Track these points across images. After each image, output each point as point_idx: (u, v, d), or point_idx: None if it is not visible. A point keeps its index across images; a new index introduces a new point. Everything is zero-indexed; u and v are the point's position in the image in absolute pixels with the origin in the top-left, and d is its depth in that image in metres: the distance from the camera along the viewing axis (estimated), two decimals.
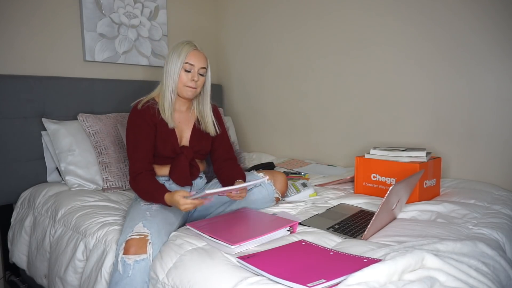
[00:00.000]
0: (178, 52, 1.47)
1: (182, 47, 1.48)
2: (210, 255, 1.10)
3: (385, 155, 1.69)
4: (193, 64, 1.47)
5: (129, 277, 1.11)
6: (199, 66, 1.49)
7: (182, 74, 1.47)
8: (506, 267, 1.03)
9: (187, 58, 1.46)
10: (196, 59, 1.48)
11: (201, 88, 1.55)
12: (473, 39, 1.82)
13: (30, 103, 1.88)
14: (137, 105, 1.50)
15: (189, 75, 1.47)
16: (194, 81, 1.48)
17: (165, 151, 1.50)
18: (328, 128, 2.43)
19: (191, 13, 2.78)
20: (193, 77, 1.48)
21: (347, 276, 0.88)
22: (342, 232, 1.26)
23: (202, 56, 1.51)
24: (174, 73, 1.46)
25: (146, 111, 1.48)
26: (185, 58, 1.46)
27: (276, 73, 2.65)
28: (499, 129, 1.80)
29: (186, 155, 1.52)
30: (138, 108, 1.48)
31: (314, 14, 2.40)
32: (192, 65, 1.47)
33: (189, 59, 1.47)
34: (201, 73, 1.50)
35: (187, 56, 1.47)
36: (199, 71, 1.49)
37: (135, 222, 1.24)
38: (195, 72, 1.48)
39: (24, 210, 1.79)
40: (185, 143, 1.57)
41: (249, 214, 1.44)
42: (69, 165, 1.83)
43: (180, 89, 1.49)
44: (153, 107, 1.50)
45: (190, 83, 1.48)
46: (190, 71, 1.48)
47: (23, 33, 1.93)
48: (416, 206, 1.47)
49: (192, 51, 1.48)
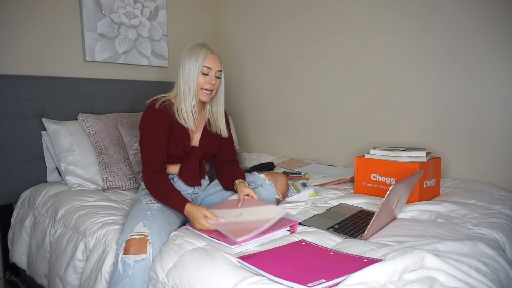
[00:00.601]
0: (195, 55, 1.46)
1: (199, 50, 1.47)
2: (210, 255, 1.10)
3: (385, 155, 1.70)
4: (211, 68, 1.47)
5: (129, 276, 1.12)
6: (216, 69, 1.48)
7: (200, 77, 1.46)
8: (506, 267, 1.03)
9: (205, 62, 1.46)
10: (214, 63, 1.48)
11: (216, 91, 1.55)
12: (473, 38, 1.82)
13: (30, 103, 1.88)
14: (154, 104, 1.49)
15: (207, 78, 1.47)
16: (211, 84, 1.47)
17: (176, 151, 1.51)
18: (328, 128, 2.43)
19: (191, 13, 2.78)
20: (211, 80, 1.47)
21: (347, 276, 0.88)
22: (342, 232, 1.26)
23: (218, 59, 1.50)
24: (193, 76, 1.46)
25: (163, 111, 1.48)
26: (203, 62, 1.45)
27: (276, 73, 2.65)
28: (499, 129, 1.80)
29: (196, 155, 1.53)
30: (156, 107, 1.47)
31: (314, 14, 2.40)
32: (210, 68, 1.46)
33: (207, 62, 1.46)
34: (217, 76, 1.50)
35: (205, 59, 1.46)
36: (216, 74, 1.49)
37: (135, 221, 1.25)
38: (212, 76, 1.47)
39: (24, 210, 1.79)
40: (195, 144, 1.57)
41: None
42: (69, 165, 1.83)
43: (197, 92, 1.49)
44: (170, 108, 1.49)
45: (207, 85, 1.47)
46: (208, 74, 1.47)
47: (23, 33, 1.93)
48: (416, 206, 1.47)
49: (209, 54, 1.47)
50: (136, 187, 1.90)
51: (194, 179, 1.54)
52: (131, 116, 2.08)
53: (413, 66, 2.03)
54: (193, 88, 1.47)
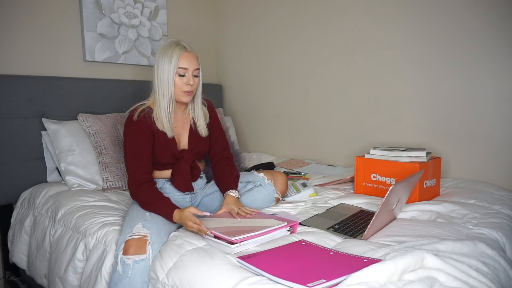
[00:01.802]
0: (168, 57, 1.38)
1: (171, 50, 1.39)
2: (210, 255, 1.10)
3: (385, 155, 1.69)
4: (187, 68, 1.40)
5: (128, 277, 1.11)
6: (193, 68, 1.42)
7: (176, 79, 1.40)
8: (506, 267, 1.03)
9: (179, 63, 1.39)
10: (189, 62, 1.40)
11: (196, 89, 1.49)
12: (473, 39, 1.82)
13: (30, 103, 1.88)
14: (132, 115, 1.42)
15: (184, 79, 1.41)
16: (189, 85, 1.41)
17: (164, 158, 1.47)
18: (328, 128, 2.43)
19: (191, 13, 2.78)
20: (188, 81, 1.41)
21: (347, 276, 0.88)
22: (342, 232, 1.26)
23: (193, 57, 1.43)
24: (168, 80, 1.39)
25: (142, 121, 1.41)
26: (178, 63, 1.39)
27: (276, 73, 2.65)
28: (499, 129, 1.80)
29: (186, 159, 1.48)
30: (134, 119, 1.41)
31: (314, 14, 2.40)
32: (185, 69, 1.40)
33: (182, 63, 1.39)
34: (195, 75, 1.44)
35: (179, 60, 1.39)
36: (193, 73, 1.42)
37: (134, 222, 1.24)
38: (189, 76, 1.41)
39: (24, 210, 1.79)
40: (184, 147, 1.52)
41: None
42: (69, 165, 1.83)
43: (177, 95, 1.43)
44: (149, 116, 1.43)
45: (186, 87, 1.41)
46: (185, 75, 1.41)
47: (23, 33, 1.93)
48: (416, 206, 1.46)
49: (183, 54, 1.39)
50: None
51: (186, 185, 1.50)
52: None
53: (413, 66, 2.03)
54: (170, 92, 1.41)
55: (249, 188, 1.57)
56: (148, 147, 1.42)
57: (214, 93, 2.87)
